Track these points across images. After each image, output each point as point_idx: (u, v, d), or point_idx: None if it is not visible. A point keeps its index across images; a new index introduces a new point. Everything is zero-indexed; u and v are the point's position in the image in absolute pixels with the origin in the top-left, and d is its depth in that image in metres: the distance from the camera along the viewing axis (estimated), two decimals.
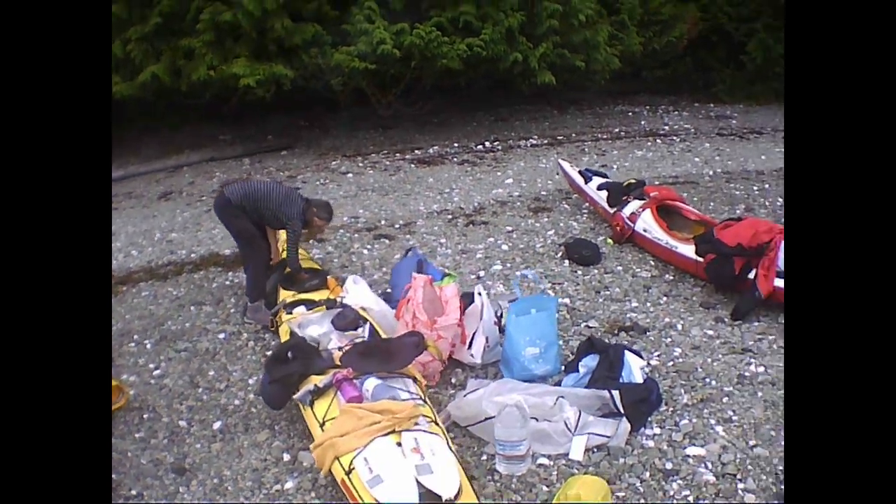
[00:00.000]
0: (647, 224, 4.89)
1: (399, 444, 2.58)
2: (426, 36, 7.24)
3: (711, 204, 6.07)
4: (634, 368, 3.37)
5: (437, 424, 2.79)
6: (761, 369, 3.55)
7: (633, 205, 5.11)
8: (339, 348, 3.25)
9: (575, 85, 9.00)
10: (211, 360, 3.97)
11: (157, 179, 7.98)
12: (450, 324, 3.39)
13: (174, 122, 9.00)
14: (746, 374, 3.51)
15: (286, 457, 3.10)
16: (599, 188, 5.52)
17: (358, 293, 3.87)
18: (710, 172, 7.05)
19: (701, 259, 4.34)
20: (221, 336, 4.22)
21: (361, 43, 7.27)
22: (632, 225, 5.01)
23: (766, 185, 6.66)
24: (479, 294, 3.71)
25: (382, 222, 5.82)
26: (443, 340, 3.39)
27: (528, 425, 2.82)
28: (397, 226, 5.74)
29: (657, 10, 9.40)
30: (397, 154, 7.80)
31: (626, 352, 3.45)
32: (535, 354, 3.49)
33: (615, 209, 5.23)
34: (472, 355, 3.56)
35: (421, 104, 8.47)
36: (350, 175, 7.17)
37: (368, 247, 5.35)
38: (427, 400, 3.04)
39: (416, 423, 2.68)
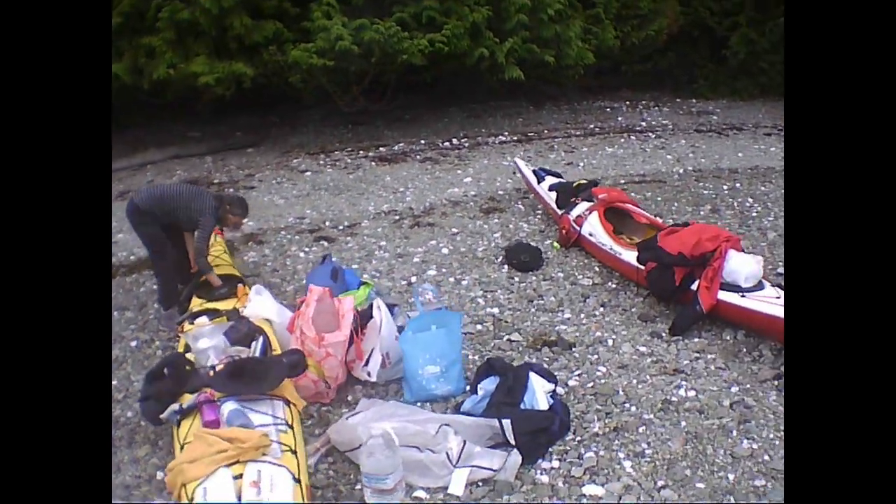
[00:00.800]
0: (593, 228, 4.47)
1: (240, 476, 2.26)
2: (386, 31, 6.84)
3: (675, 205, 5.62)
4: (538, 393, 2.98)
5: (292, 454, 2.41)
6: (691, 394, 3.14)
7: (581, 207, 4.68)
8: (212, 367, 2.84)
9: (549, 80, 8.51)
10: (117, 368, 3.61)
11: (119, 178, 7.59)
12: (338, 340, 2.99)
13: (140, 119, 8.59)
14: (673, 398, 3.10)
15: (159, 475, 2.79)
16: (550, 189, 5.09)
17: (260, 304, 3.47)
18: (681, 171, 6.60)
19: (643, 267, 3.90)
20: (133, 344, 3.89)
21: (320, 39, 6.89)
22: (578, 228, 4.57)
23: (737, 185, 6.21)
24: (378, 308, 3.31)
25: (327, 223, 5.42)
26: (331, 358, 2.99)
27: (399, 456, 2.45)
28: (341, 227, 5.34)
29: (635, 4, 8.90)
30: (361, 151, 7.38)
31: (532, 374, 3.03)
32: (435, 374, 3.14)
33: (563, 211, 4.79)
34: (368, 373, 3.17)
35: (387, 100, 8.01)
36: (308, 173, 6.76)
37: (306, 250, 4.96)
38: (295, 426, 2.64)
39: (265, 454, 2.34)
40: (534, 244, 4.81)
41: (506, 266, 4.52)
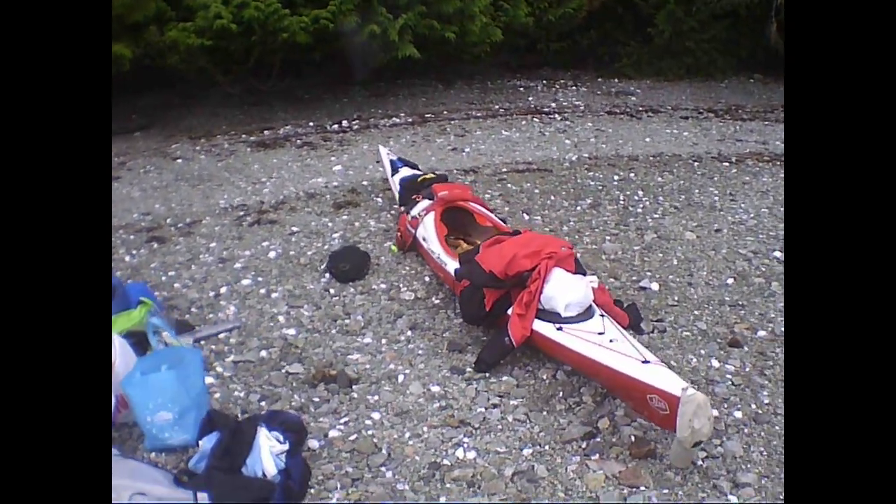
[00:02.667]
0: (426, 231, 3.61)
1: None
2: (266, 9, 5.94)
3: (552, 198, 4.79)
4: (265, 455, 2.18)
5: None
6: (470, 455, 2.39)
7: (420, 206, 3.81)
8: None
9: (455, 58, 7.59)
10: None
11: None
12: None
13: None
14: (444, 462, 2.37)
15: None
16: (401, 182, 4.21)
17: None
18: (574, 157, 5.76)
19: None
20: None
21: (199, 18, 5.98)
22: (412, 230, 3.71)
23: (632, 174, 5.40)
24: (115, 341, 2.53)
25: (168, 221, 4.53)
26: None
27: None
28: (180, 225, 4.48)
29: None
30: (244, 135, 6.49)
31: (262, 430, 2.22)
32: (167, 421, 2.46)
33: (403, 209, 3.93)
34: None
35: (274, 81, 7.08)
36: (179, 161, 5.88)
37: (133, 252, 4.08)
38: None
39: None
40: (371, 246, 3.97)
41: (327, 275, 3.67)
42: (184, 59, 6.37)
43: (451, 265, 3.30)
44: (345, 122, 6.81)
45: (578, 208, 4.67)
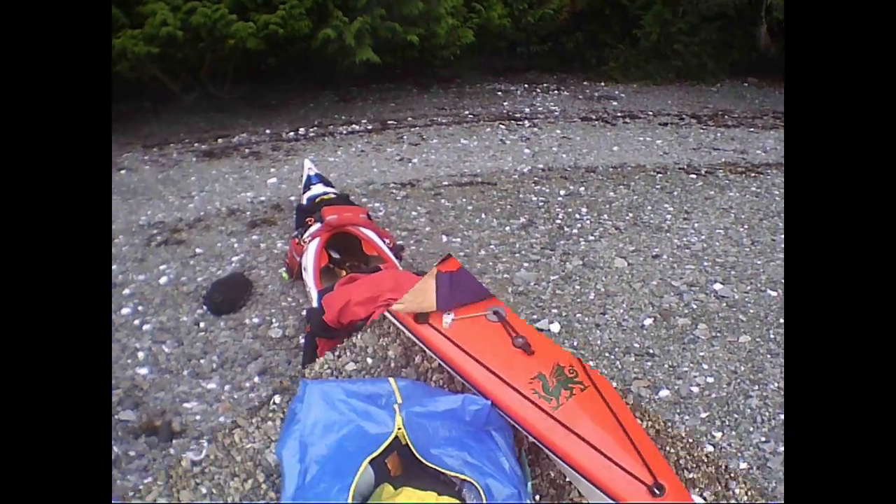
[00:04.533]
0: (307, 259, 3.23)
1: None
2: (212, 15, 5.58)
3: (483, 216, 4.36)
4: None
5: None
6: None
7: (311, 230, 3.42)
8: None
9: (422, 61, 7.19)
10: None
11: None
12: None
13: None
14: None
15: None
16: (298, 204, 3.85)
17: None
18: (526, 169, 5.33)
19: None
20: None
21: (148, 25, 5.65)
22: (297, 258, 3.34)
23: (582, 188, 4.94)
24: None
25: None
26: None
27: None
28: None
29: None
30: (195, 144, 6.16)
31: None
32: None
33: (296, 233, 3.56)
34: None
35: (228, 87, 6.75)
36: (123, 172, 5.59)
37: None
38: None
39: None
40: (265, 272, 3.61)
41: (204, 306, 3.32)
42: (133, 67, 6.06)
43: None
44: (302, 130, 6.45)
45: (507, 228, 4.25)
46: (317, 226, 3.48)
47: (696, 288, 3.66)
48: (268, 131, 6.45)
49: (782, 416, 2.75)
